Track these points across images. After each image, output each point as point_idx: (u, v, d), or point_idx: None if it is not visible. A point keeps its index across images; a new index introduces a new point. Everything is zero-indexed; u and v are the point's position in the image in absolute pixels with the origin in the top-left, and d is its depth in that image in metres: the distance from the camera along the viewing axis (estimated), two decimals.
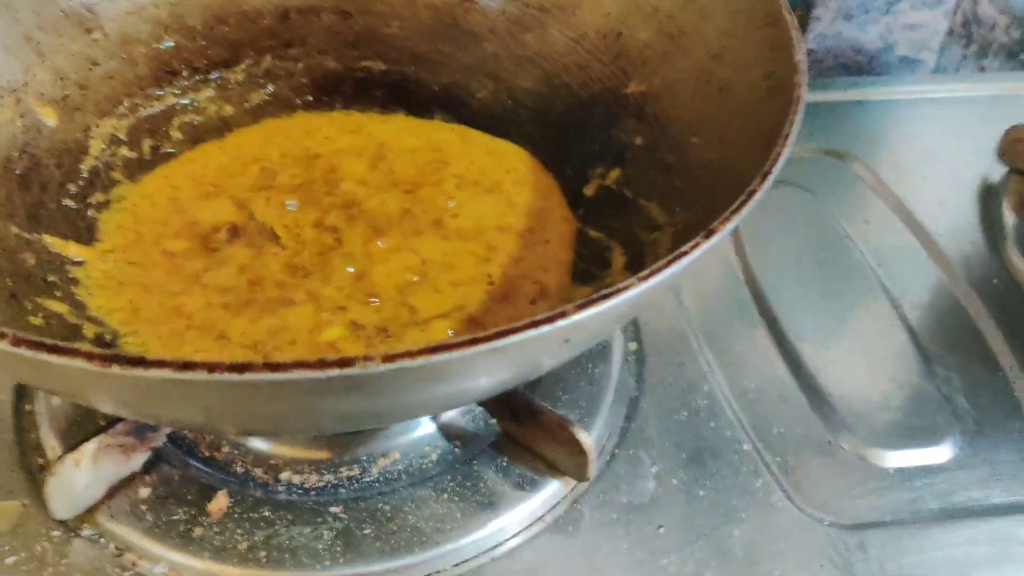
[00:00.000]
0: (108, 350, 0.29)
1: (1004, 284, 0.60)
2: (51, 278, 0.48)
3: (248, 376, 0.29)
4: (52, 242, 0.50)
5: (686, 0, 0.53)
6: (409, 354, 0.29)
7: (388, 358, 0.29)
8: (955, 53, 0.86)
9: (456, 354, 0.30)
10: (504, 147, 0.59)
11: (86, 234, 0.52)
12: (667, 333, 0.55)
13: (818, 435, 0.51)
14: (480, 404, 0.49)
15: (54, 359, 0.29)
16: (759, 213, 0.58)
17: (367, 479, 0.47)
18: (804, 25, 0.81)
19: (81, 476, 0.44)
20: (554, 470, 0.47)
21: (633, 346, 0.55)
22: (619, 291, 0.32)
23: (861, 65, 0.86)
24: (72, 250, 0.50)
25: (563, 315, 0.31)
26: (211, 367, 0.29)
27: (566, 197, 0.56)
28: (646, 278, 0.33)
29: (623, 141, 0.55)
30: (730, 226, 0.35)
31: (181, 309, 0.48)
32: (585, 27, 0.58)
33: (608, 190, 0.54)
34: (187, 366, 0.29)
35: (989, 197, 0.67)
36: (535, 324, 0.31)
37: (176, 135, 0.59)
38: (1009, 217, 0.65)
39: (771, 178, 0.37)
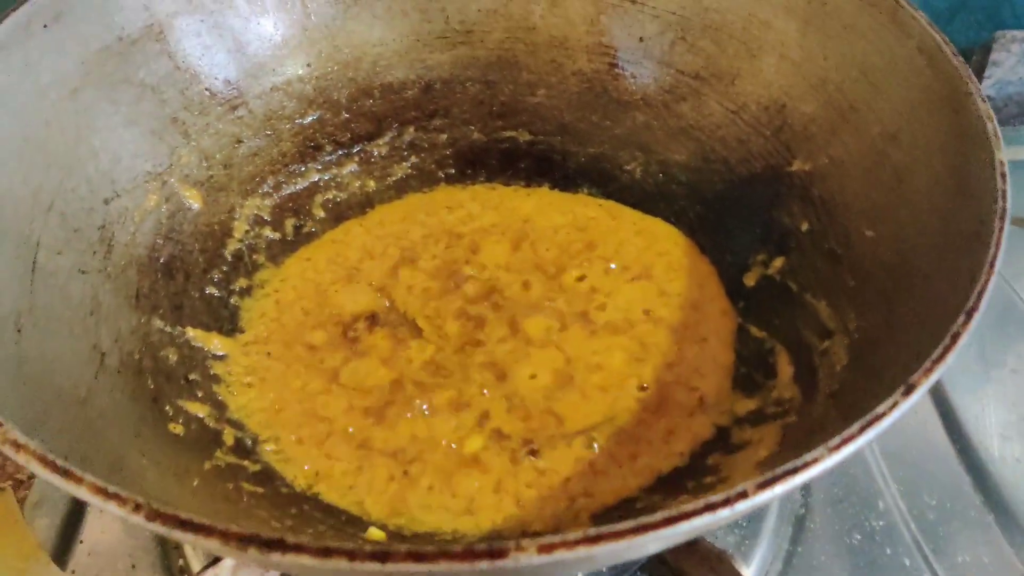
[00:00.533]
0: (245, 531, 0.27)
1: None
2: (192, 376, 0.48)
3: (390, 566, 0.26)
4: (195, 335, 0.49)
5: (858, 72, 0.48)
6: (566, 544, 0.26)
7: (544, 548, 0.26)
8: None
9: (622, 544, 0.27)
10: (656, 226, 0.55)
11: (228, 324, 0.51)
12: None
13: (1009, 563, 0.45)
14: None
15: (188, 537, 0.27)
16: None
17: None
18: (982, 69, 0.74)
19: None
20: None
21: None
22: (807, 464, 0.28)
23: None
24: (215, 342, 0.50)
25: (743, 496, 0.28)
26: (352, 554, 0.26)
27: (725, 286, 0.52)
28: (837, 448, 0.29)
29: (787, 225, 0.50)
30: (933, 377, 0.31)
31: (322, 412, 0.46)
32: (745, 98, 0.54)
33: (771, 281, 0.50)
34: (327, 552, 0.26)
35: None
36: (711, 507, 0.27)
37: (319, 213, 0.58)
38: None
39: (977, 316, 0.33)
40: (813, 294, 0.47)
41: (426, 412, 0.46)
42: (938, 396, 0.53)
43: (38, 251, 0.44)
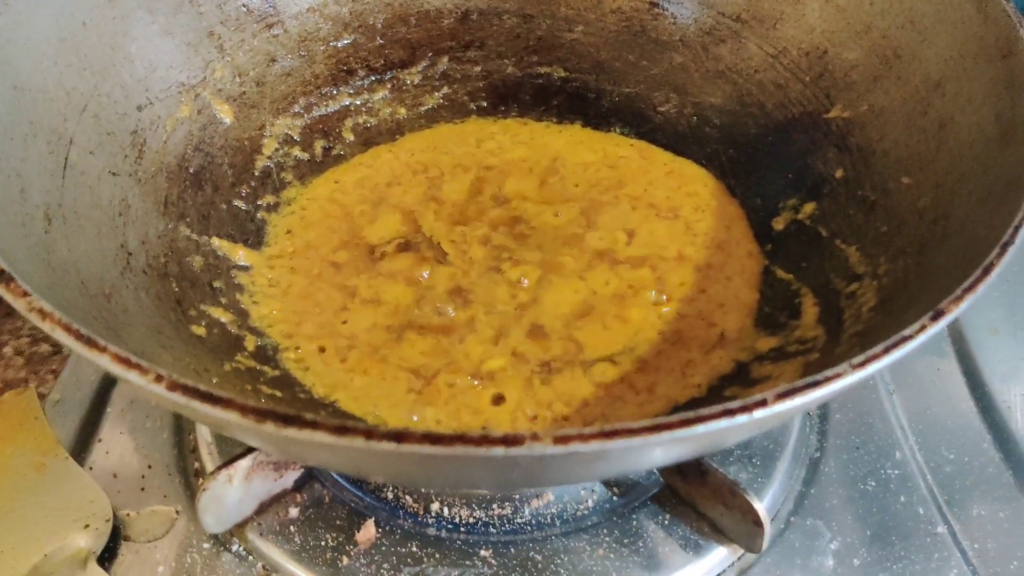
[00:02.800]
0: (263, 405, 0.27)
1: None
2: (217, 283, 0.48)
3: (406, 447, 0.26)
4: (220, 245, 0.49)
5: (904, 19, 0.47)
6: (582, 436, 0.26)
7: (559, 439, 0.26)
8: None
9: (636, 441, 0.26)
10: (686, 167, 0.55)
11: (254, 237, 0.52)
12: (856, 387, 0.50)
13: None
14: None
15: (207, 409, 0.27)
16: None
17: (519, 520, 0.45)
18: None
19: (233, 492, 0.43)
20: (720, 535, 0.43)
21: None
22: (828, 379, 0.28)
23: None
24: (240, 254, 0.50)
25: (763, 404, 0.27)
26: (368, 434, 0.26)
27: (752, 229, 0.51)
28: (862, 365, 0.28)
29: (821, 172, 0.50)
30: (963, 306, 0.31)
31: (343, 326, 0.47)
32: (786, 42, 0.53)
33: (801, 225, 0.49)
34: (343, 430, 0.26)
35: None
36: (729, 412, 0.27)
37: (348, 136, 0.58)
38: None
39: (1011, 250, 0.32)
40: (844, 239, 0.47)
41: (447, 333, 0.46)
42: (963, 355, 0.52)
43: (71, 149, 0.45)
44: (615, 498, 0.45)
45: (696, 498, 0.44)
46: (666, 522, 0.44)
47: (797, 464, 0.47)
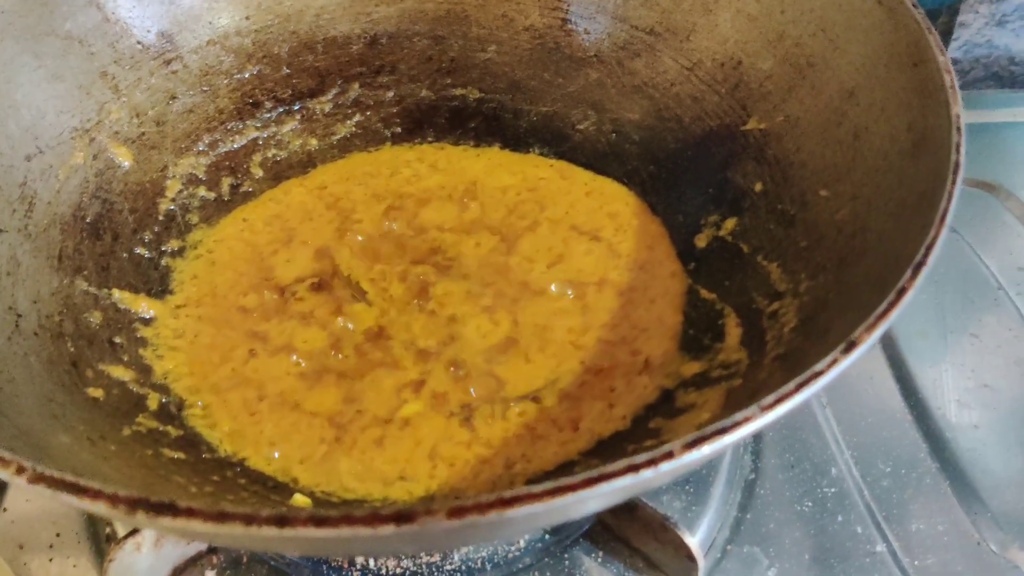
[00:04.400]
0: (132, 494, 0.25)
1: None
2: (117, 339, 0.45)
3: (288, 532, 0.24)
4: (122, 297, 0.47)
5: (816, 27, 0.46)
6: (479, 507, 0.25)
7: (454, 512, 0.25)
8: None
9: (539, 507, 0.25)
10: (607, 186, 0.53)
11: (158, 286, 0.49)
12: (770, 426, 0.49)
13: (964, 532, 0.44)
14: None
15: (75, 501, 0.25)
16: None
17: (448, 567, 0.43)
18: (949, 31, 0.73)
19: (143, 559, 0.41)
20: (655, 570, 0.42)
21: None
22: (737, 424, 0.27)
23: (1016, 77, 0.77)
24: (142, 305, 0.47)
25: (669, 456, 0.26)
26: (248, 519, 0.24)
27: (676, 247, 0.50)
28: (771, 407, 0.27)
29: (741, 186, 0.49)
30: (876, 334, 0.29)
31: (253, 376, 0.44)
32: (700, 54, 0.52)
33: (723, 242, 0.48)
34: (222, 517, 0.24)
35: None
36: (633, 468, 0.26)
37: (257, 172, 0.56)
38: None
39: (924, 271, 0.31)
40: (765, 256, 0.45)
41: (363, 376, 0.44)
42: (895, 361, 0.51)
43: None
44: (547, 536, 0.44)
45: (628, 533, 0.42)
46: (599, 559, 0.42)
47: (732, 488, 0.45)
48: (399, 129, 0.58)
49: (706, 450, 0.26)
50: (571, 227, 0.51)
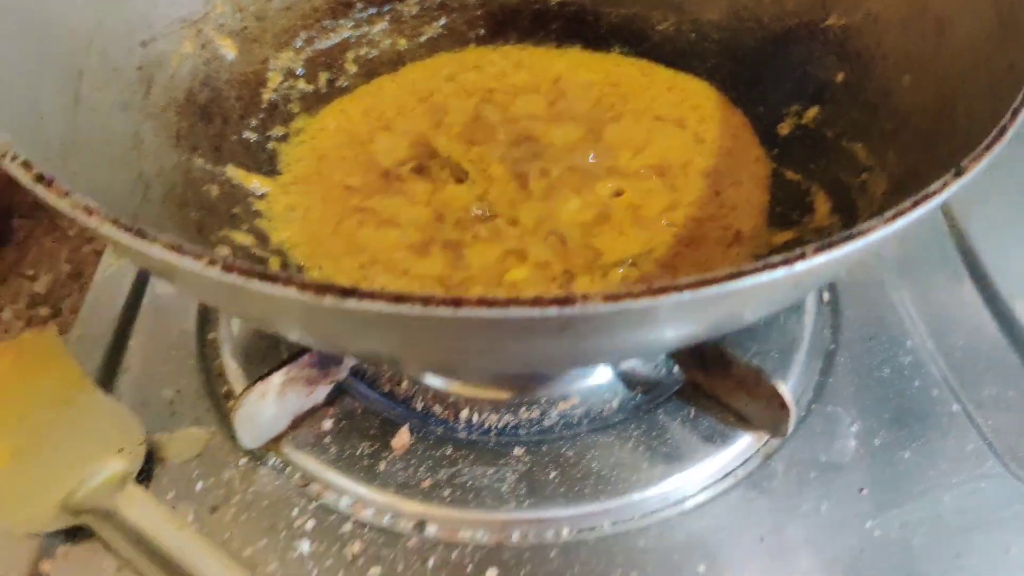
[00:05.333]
0: (321, 281, 0.27)
1: None
2: (235, 210, 0.48)
3: (463, 312, 0.27)
4: (235, 173, 0.50)
5: None
6: (631, 294, 0.27)
7: (609, 297, 0.27)
8: None
9: (684, 296, 0.27)
10: (688, 82, 0.56)
11: (267, 166, 0.52)
12: (864, 284, 0.52)
13: None
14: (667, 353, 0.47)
15: (266, 288, 0.28)
16: None
17: (547, 422, 0.46)
18: None
19: (267, 407, 0.44)
20: (744, 423, 0.45)
21: (827, 297, 0.51)
22: (862, 233, 0.29)
23: None
24: (255, 182, 0.50)
25: (802, 257, 0.28)
26: (425, 300, 0.27)
27: (759, 136, 0.52)
28: (892, 219, 0.30)
29: (822, 79, 0.51)
30: (983, 164, 0.32)
31: (364, 244, 0.47)
32: None
33: (806, 130, 0.50)
34: (401, 299, 0.27)
35: None
36: (771, 266, 0.28)
37: (351, 68, 0.58)
38: None
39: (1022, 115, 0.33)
40: (850, 140, 0.48)
41: (468, 246, 0.47)
42: (965, 248, 0.53)
43: (80, 84, 0.45)
44: (639, 396, 0.46)
45: (719, 390, 0.45)
46: (691, 415, 0.45)
47: (813, 357, 0.48)
48: (483, 31, 0.61)
49: (835, 253, 0.29)
50: (655, 117, 0.53)
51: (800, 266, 0.28)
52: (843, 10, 0.51)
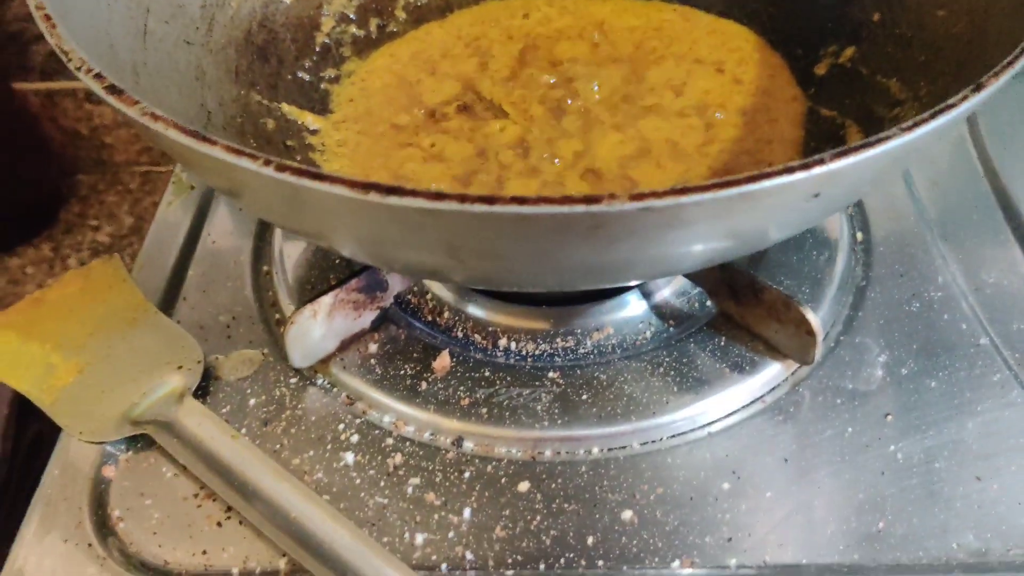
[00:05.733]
0: (364, 180, 0.30)
1: None
2: (290, 143, 0.51)
3: (497, 208, 0.29)
4: (290, 110, 0.52)
5: None
6: (656, 194, 0.29)
7: (635, 196, 0.29)
8: None
9: (707, 196, 0.29)
10: (728, 26, 0.57)
11: (319, 105, 0.54)
12: (897, 223, 0.52)
13: None
14: (699, 283, 0.48)
15: (316, 185, 0.30)
16: (1003, 104, 0.54)
17: (582, 351, 0.47)
18: None
19: (317, 327, 0.46)
20: (774, 352, 0.46)
21: (860, 236, 0.52)
22: (881, 141, 0.30)
23: None
24: (308, 118, 0.53)
25: (820, 162, 0.30)
26: (462, 198, 0.29)
27: (795, 76, 0.53)
28: (910, 129, 0.31)
29: (859, 18, 0.52)
30: (1002, 81, 0.33)
31: (410, 177, 0.49)
32: None
33: (842, 68, 0.51)
34: (439, 196, 0.29)
35: None
36: (789, 170, 0.30)
37: (400, 15, 0.60)
38: None
39: None
40: (885, 75, 0.48)
41: (509, 180, 0.49)
42: (997, 186, 0.54)
43: (148, 17, 0.47)
44: (671, 328, 0.48)
45: (749, 319, 0.46)
46: (721, 343, 0.47)
47: (844, 292, 0.49)
48: None
49: (852, 159, 0.30)
50: (695, 60, 0.55)
51: (818, 170, 0.30)
52: None
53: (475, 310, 0.49)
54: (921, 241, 0.52)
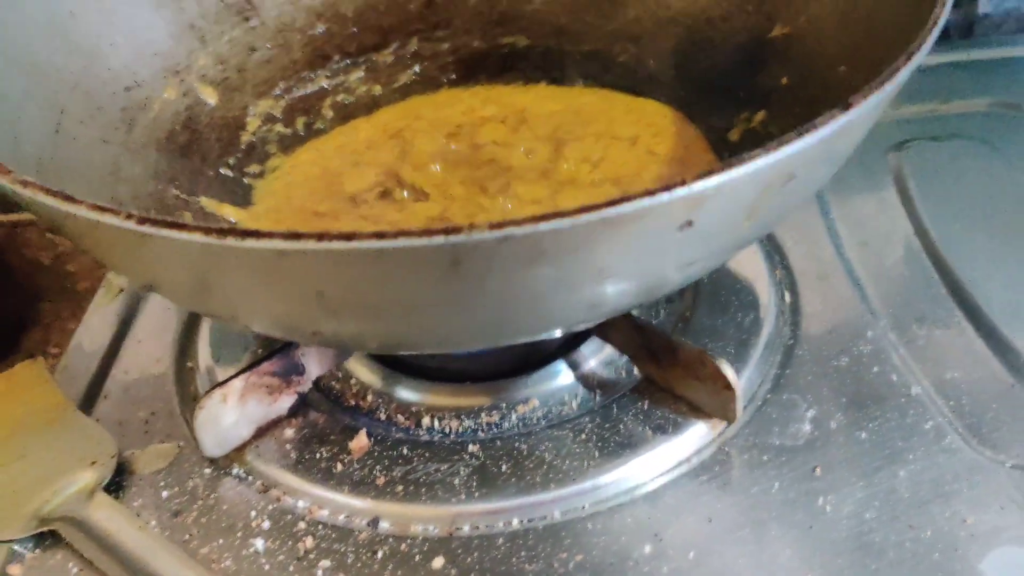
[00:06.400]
0: (223, 226, 0.29)
1: None
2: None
3: (355, 244, 0.29)
4: (208, 203, 0.52)
5: None
6: (516, 222, 0.29)
7: (494, 226, 0.28)
8: None
9: (565, 222, 0.29)
10: (646, 104, 0.58)
11: (241, 199, 0.55)
12: (825, 282, 0.52)
13: (999, 379, 0.46)
14: (619, 348, 0.47)
15: (172, 234, 0.30)
16: (932, 164, 0.54)
17: (506, 424, 0.46)
18: None
19: (228, 413, 0.45)
20: (698, 412, 0.45)
21: (788, 297, 0.52)
22: (745, 160, 0.30)
23: None
24: (226, 211, 0.53)
25: (682, 184, 0.30)
26: (319, 236, 0.29)
27: (712, 144, 0.54)
28: (774, 149, 0.31)
29: (768, 85, 0.52)
30: (867, 103, 0.33)
31: None
32: None
33: (754, 132, 0.52)
34: (295, 236, 0.29)
35: None
36: (650, 193, 0.29)
37: (328, 113, 0.61)
38: None
39: (916, 58, 0.34)
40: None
41: None
42: (927, 243, 0.54)
43: (63, 117, 0.48)
44: (598, 397, 0.47)
45: (671, 380, 0.45)
46: (645, 407, 0.45)
47: (771, 351, 0.48)
48: (454, 76, 0.64)
49: (714, 181, 0.30)
50: (612, 137, 0.55)
51: (681, 192, 0.30)
52: (786, 19, 0.53)
53: (402, 391, 0.48)
54: (850, 299, 0.51)
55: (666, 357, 0.45)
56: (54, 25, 0.50)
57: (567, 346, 0.50)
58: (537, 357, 0.49)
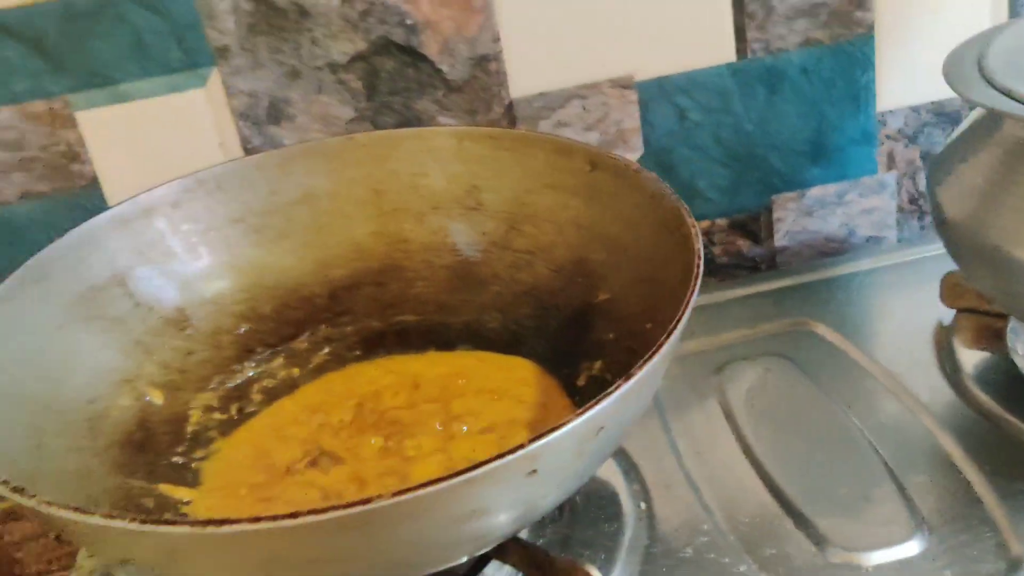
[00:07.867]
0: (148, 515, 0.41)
1: (962, 409, 0.69)
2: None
3: (227, 528, 0.41)
4: (166, 488, 0.64)
5: (623, 224, 0.68)
6: (380, 496, 0.41)
7: (359, 503, 0.41)
8: (914, 225, 0.99)
9: (431, 489, 0.42)
10: (512, 361, 0.72)
11: (192, 480, 0.66)
12: (670, 490, 0.65)
13: (806, 549, 0.59)
14: (514, 567, 0.59)
15: (109, 523, 0.42)
16: (746, 381, 0.69)
17: None
18: (770, 228, 0.95)
19: None
20: None
21: (643, 505, 0.65)
22: (560, 425, 0.44)
23: (835, 250, 0.98)
24: (182, 493, 0.64)
25: (521, 446, 0.43)
26: (204, 522, 0.41)
27: (566, 390, 0.68)
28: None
29: (600, 339, 0.68)
30: (626, 385, 0.47)
31: None
32: (561, 259, 0.73)
33: (596, 378, 0.66)
34: (209, 523, 0.41)
35: (943, 337, 0.77)
36: (500, 456, 0.43)
37: (257, 397, 0.74)
38: (962, 352, 0.74)
39: (676, 334, 0.50)
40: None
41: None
42: (746, 447, 0.68)
43: (43, 435, 0.60)
44: None
45: None
46: None
47: (633, 553, 0.61)
48: (359, 352, 0.78)
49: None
50: (489, 391, 0.69)
51: (520, 452, 0.43)
52: (605, 288, 0.69)
53: None
54: (691, 502, 0.64)
55: (548, 570, 0.57)
56: (27, 360, 0.63)
57: (475, 568, 0.61)
58: None
